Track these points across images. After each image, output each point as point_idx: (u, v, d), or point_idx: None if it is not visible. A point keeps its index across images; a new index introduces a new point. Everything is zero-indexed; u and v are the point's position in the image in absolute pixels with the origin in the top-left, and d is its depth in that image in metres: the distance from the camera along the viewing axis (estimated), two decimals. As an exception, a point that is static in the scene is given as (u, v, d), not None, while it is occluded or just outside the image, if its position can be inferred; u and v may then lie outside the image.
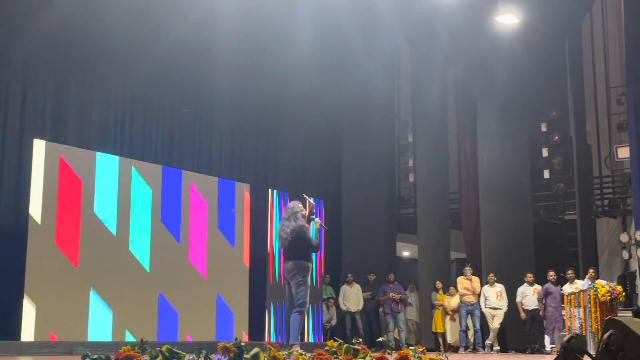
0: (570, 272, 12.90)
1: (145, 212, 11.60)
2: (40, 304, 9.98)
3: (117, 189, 11.23)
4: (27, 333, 9.80)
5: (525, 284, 13.50)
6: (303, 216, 7.93)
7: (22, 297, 9.83)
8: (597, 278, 12.22)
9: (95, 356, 4.15)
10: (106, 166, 11.12)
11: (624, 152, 14.23)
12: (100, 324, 10.68)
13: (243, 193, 13.29)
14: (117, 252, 11.11)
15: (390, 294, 14.27)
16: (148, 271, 11.50)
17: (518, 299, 13.44)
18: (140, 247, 11.45)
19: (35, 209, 10.11)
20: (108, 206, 11.06)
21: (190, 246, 12.22)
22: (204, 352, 4.47)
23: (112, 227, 11.08)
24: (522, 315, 13.34)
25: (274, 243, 13.57)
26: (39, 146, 10.27)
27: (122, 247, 11.20)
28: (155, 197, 11.76)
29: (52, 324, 10.10)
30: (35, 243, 10.05)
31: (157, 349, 4.36)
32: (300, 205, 8.05)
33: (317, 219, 8.07)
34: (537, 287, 13.38)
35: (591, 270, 12.75)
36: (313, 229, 7.98)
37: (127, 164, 11.44)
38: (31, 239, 10.01)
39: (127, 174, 11.40)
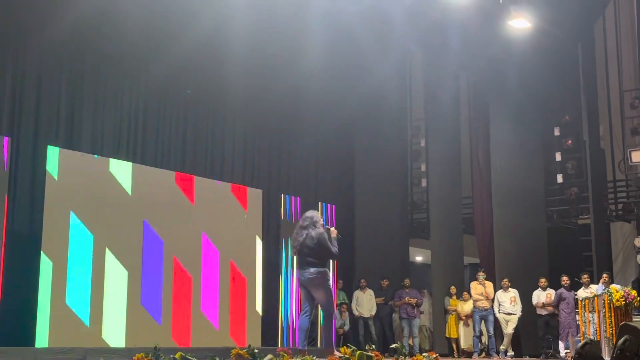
0: (585, 276, 12.84)
1: (156, 222, 11.65)
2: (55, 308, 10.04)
3: (131, 195, 11.28)
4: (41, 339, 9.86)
5: (539, 288, 13.46)
6: (321, 225, 8.04)
7: (37, 303, 9.90)
8: (612, 283, 12.15)
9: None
10: (118, 172, 11.17)
11: (637, 156, 14.17)
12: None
13: (256, 198, 13.29)
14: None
15: (406, 298, 14.27)
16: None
17: (534, 301, 13.42)
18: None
19: (49, 215, 10.18)
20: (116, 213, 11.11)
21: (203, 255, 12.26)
22: (217, 359, 4.49)
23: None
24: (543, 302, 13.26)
25: (288, 249, 13.59)
26: (53, 153, 10.34)
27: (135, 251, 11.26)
28: (162, 204, 11.80)
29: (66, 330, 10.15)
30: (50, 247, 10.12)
31: (171, 356, 4.38)
32: (319, 214, 8.19)
33: (332, 228, 8.13)
34: (550, 291, 13.33)
35: (605, 275, 12.69)
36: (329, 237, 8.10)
37: (139, 170, 11.48)
38: (45, 243, 10.08)
39: (140, 180, 11.44)
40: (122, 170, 11.24)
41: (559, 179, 15.57)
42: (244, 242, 12.96)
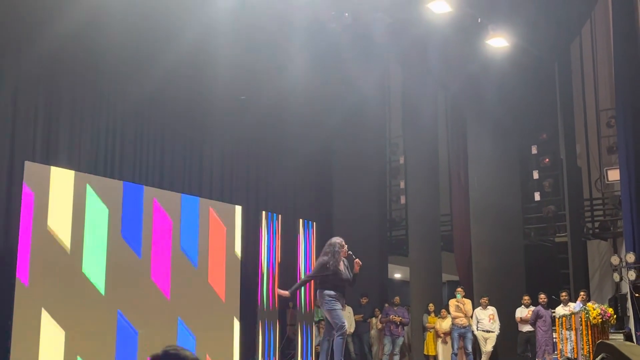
0: (564, 294, 12.91)
1: (141, 236, 11.54)
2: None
3: (108, 212, 11.17)
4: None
5: (522, 305, 13.49)
6: (338, 253, 8.18)
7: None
8: (589, 300, 12.22)
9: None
10: (97, 189, 11.06)
11: (614, 175, 14.30)
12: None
13: (235, 215, 13.23)
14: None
15: (391, 316, 14.24)
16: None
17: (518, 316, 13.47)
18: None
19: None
20: (99, 230, 11.00)
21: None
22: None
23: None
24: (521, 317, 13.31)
25: (263, 266, 13.55)
26: (30, 169, 10.22)
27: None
28: (147, 219, 11.70)
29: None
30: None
31: None
32: (340, 240, 8.30)
33: (357, 260, 8.33)
34: (533, 309, 13.38)
35: (582, 293, 12.75)
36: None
37: (117, 186, 11.38)
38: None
39: (118, 196, 11.34)
40: (99, 186, 11.14)
41: (537, 196, 15.68)
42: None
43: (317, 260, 8.37)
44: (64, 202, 10.54)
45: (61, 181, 10.53)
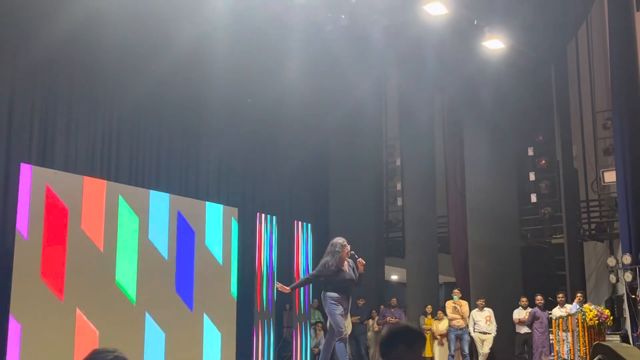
0: (561, 295, 12.91)
1: (133, 236, 11.53)
2: (26, 329, 9.87)
3: (105, 214, 11.16)
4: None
5: (520, 307, 13.48)
6: (338, 253, 8.11)
7: (7, 323, 9.73)
8: (585, 302, 12.23)
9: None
10: (93, 191, 11.05)
11: (610, 176, 14.31)
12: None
13: (231, 217, 13.23)
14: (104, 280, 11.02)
15: (388, 318, 14.24)
16: (134, 303, 11.41)
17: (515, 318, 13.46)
18: (127, 273, 11.36)
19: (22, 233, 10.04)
20: (95, 230, 10.99)
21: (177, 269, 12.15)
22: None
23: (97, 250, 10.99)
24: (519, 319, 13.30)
25: (262, 267, 13.54)
26: (26, 171, 10.21)
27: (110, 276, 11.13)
28: (143, 222, 11.69)
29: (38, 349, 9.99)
30: (22, 268, 9.96)
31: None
32: (341, 240, 8.25)
33: (360, 259, 8.28)
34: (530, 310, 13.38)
35: (579, 294, 12.77)
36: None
37: (114, 188, 11.38)
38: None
39: (114, 198, 11.33)
40: (97, 189, 11.13)
41: (533, 198, 15.68)
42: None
43: (321, 266, 8.27)
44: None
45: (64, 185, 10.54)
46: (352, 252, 8.27)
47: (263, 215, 14.03)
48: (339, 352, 8.04)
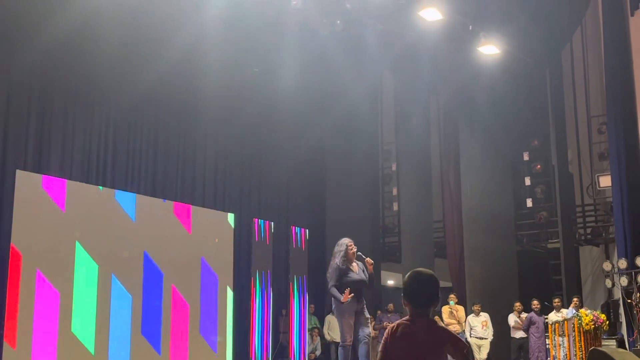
0: (557, 300, 12.92)
1: (128, 245, 11.51)
2: (21, 337, 9.85)
3: (99, 219, 11.14)
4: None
5: (514, 312, 13.47)
6: (344, 252, 7.95)
7: (3, 330, 9.70)
8: (581, 306, 12.24)
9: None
10: (88, 196, 11.03)
11: (605, 181, 14.33)
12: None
13: (227, 222, 13.22)
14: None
15: (385, 323, 14.21)
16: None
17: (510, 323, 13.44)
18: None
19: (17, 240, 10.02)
20: (92, 237, 10.97)
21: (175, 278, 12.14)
22: None
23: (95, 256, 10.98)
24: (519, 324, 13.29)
25: (257, 272, 13.52)
26: (21, 177, 10.19)
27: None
28: (139, 228, 11.68)
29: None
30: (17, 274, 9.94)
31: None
32: (347, 241, 8.07)
33: (368, 259, 8.11)
34: (525, 315, 13.37)
35: (575, 299, 12.77)
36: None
37: (109, 194, 11.36)
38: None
39: (110, 203, 11.32)
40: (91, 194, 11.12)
41: (529, 203, 15.70)
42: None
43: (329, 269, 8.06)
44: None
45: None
46: (359, 252, 8.10)
47: (259, 221, 14.01)
48: (340, 356, 7.92)
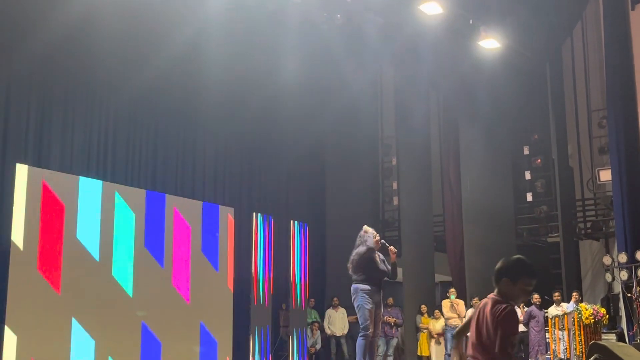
0: (557, 294, 12.94)
1: (129, 237, 11.50)
2: (22, 332, 9.84)
3: (100, 214, 11.13)
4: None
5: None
6: (369, 242, 7.85)
7: (3, 324, 9.70)
8: (581, 301, 12.26)
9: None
10: (89, 191, 11.03)
11: (605, 175, 14.34)
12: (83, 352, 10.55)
13: (227, 217, 13.22)
14: (100, 278, 11.00)
15: (386, 317, 14.23)
16: (131, 296, 11.40)
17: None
18: (123, 272, 11.34)
19: (17, 235, 10.00)
20: (91, 231, 10.96)
21: (174, 271, 12.13)
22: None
23: (94, 252, 10.97)
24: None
25: (258, 267, 13.52)
26: (21, 171, 10.18)
27: (106, 273, 11.10)
28: (139, 222, 11.68)
29: (34, 352, 9.97)
30: (17, 269, 9.93)
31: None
32: (371, 230, 7.98)
33: (391, 247, 7.98)
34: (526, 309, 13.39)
35: (575, 293, 12.79)
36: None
37: (110, 188, 11.36)
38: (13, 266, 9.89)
39: (111, 198, 11.31)
40: (92, 189, 11.10)
41: (529, 197, 15.71)
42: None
43: (353, 256, 7.88)
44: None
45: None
46: (383, 241, 7.98)
47: (259, 215, 14.02)
48: (358, 348, 7.73)
